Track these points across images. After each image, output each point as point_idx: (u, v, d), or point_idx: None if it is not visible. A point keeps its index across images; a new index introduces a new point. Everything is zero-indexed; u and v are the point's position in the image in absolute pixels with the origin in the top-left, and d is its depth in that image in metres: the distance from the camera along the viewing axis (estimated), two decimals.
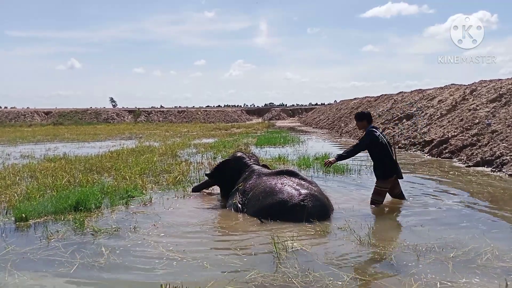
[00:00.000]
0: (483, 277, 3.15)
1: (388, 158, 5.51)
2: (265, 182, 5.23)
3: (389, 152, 5.52)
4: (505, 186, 6.78)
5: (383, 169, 5.53)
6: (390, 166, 5.52)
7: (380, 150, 5.49)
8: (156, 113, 52.97)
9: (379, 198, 5.57)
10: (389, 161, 5.51)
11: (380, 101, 25.78)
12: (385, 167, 5.52)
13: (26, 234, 4.51)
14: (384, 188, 5.57)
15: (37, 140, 19.44)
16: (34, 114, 49.08)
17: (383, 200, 5.61)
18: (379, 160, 5.55)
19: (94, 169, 8.70)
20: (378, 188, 5.59)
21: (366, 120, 5.69)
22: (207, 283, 3.09)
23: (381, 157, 5.51)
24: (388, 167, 5.52)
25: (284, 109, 77.38)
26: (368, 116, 5.75)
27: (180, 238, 4.28)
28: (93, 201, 5.52)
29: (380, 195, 5.58)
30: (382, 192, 5.58)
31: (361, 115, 5.78)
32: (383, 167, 5.53)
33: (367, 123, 5.67)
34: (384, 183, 5.55)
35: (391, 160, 5.53)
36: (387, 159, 5.50)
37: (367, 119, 5.69)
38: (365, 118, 5.70)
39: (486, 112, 11.57)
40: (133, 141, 18.18)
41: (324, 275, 3.22)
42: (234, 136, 19.99)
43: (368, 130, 5.60)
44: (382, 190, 5.58)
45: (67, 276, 3.35)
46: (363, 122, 5.70)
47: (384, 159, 5.50)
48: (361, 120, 5.72)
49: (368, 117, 5.72)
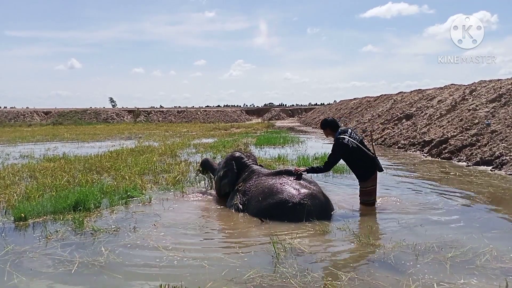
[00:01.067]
0: (482, 278, 3.15)
1: (364, 158, 5.37)
2: (264, 182, 5.23)
3: (364, 153, 5.36)
4: (505, 186, 6.78)
5: (363, 169, 5.44)
6: (369, 165, 5.40)
7: (355, 155, 5.35)
8: (155, 113, 52.93)
9: (369, 198, 5.48)
10: (367, 162, 5.39)
11: (379, 101, 25.80)
12: (363, 168, 5.42)
13: (25, 234, 4.51)
14: (370, 187, 5.46)
15: (37, 140, 19.43)
16: (33, 114, 49.03)
17: (375, 198, 5.53)
18: (356, 164, 5.46)
19: (94, 169, 8.70)
20: (364, 189, 5.49)
21: (329, 128, 5.53)
22: (206, 284, 3.09)
23: (356, 161, 5.42)
24: (367, 166, 5.41)
25: (283, 109, 77.38)
26: (331, 123, 5.55)
27: (180, 238, 4.28)
28: (93, 201, 5.52)
29: (370, 195, 5.48)
30: (370, 191, 5.48)
31: (323, 123, 5.66)
32: (362, 168, 5.44)
33: (331, 130, 5.52)
34: (368, 182, 5.44)
35: (369, 160, 5.39)
36: (363, 161, 5.38)
37: (330, 127, 5.53)
38: (328, 126, 5.55)
39: (486, 112, 11.57)
40: (133, 141, 18.18)
41: (323, 275, 3.23)
42: (234, 136, 19.98)
43: (336, 140, 5.39)
44: (369, 189, 5.47)
45: (66, 276, 3.35)
46: (327, 130, 5.59)
47: (360, 162, 5.40)
48: (324, 128, 5.62)
49: (331, 124, 5.53)
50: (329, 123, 5.57)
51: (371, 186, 5.45)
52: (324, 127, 5.62)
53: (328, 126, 5.55)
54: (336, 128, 5.50)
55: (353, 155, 5.34)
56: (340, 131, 5.43)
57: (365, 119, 22.37)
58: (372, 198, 5.49)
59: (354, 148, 5.29)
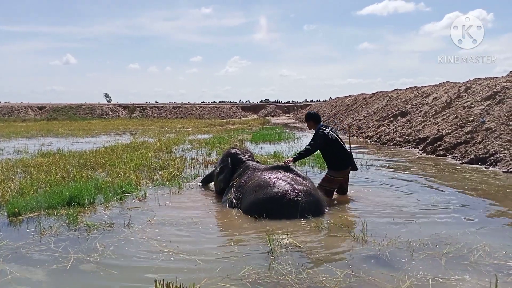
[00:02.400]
0: (475, 274, 3.17)
1: (341, 152, 5.79)
2: (259, 178, 5.21)
3: (342, 146, 5.80)
4: (499, 184, 6.81)
5: (337, 161, 5.81)
6: (344, 158, 5.81)
7: (333, 147, 5.76)
8: (151, 109, 52.75)
9: (328, 185, 5.79)
10: (343, 155, 5.80)
11: (375, 98, 25.81)
12: (339, 160, 5.81)
13: (19, 229, 4.49)
14: (336, 178, 5.81)
15: (31, 135, 19.32)
16: (28, 109, 48.74)
17: (334, 189, 5.87)
18: (333, 155, 5.83)
19: (88, 165, 8.66)
20: (330, 176, 5.84)
21: (312, 120, 5.99)
22: (201, 280, 3.09)
23: (334, 152, 5.79)
24: (342, 159, 5.80)
25: (279, 106, 77.23)
26: (313, 116, 6.05)
27: (175, 234, 4.27)
28: (87, 196, 5.49)
29: (331, 183, 5.82)
30: (334, 181, 5.82)
31: (307, 116, 6.12)
32: (337, 160, 5.81)
33: (314, 122, 5.98)
34: (337, 173, 5.80)
35: (345, 153, 5.82)
36: (340, 153, 5.79)
37: (313, 120, 5.99)
38: (311, 119, 6.01)
39: (480, 110, 11.62)
40: (128, 136, 18.12)
41: (318, 272, 3.23)
42: (229, 133, 19.96)
43: (317, 130, 5.85)
44: (334, 179, 5.81)
45: (62, 272, 3.34)
46: (310, 123, 6.02)
47: (337, 154, 5.79)
48: (308, 121, 6.06)
49: (314, 117, 6.02)
50: (313, 115, 6.08)
51: (338, 177, 5.81)
52: (308, 120, 6.07)
53: (312, 118, 6.02)
54: (319, 121, 6.02)
55: (331, 146, 5.76)
56: (321, 124, 5.94)
57: (361, 116, 22.40)
58: (332, 188, 5.85)
59: (333, 139, 5.75)
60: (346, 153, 5.84)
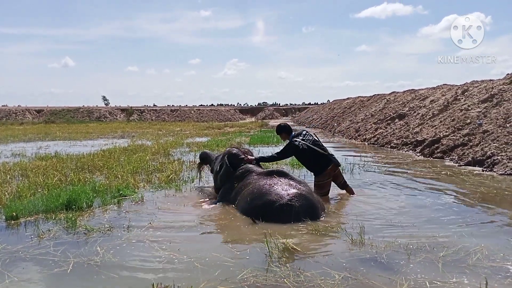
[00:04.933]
0: (472, 277, 3.17)
1: (316, 157, 5.96)
2: (255, 183, 5.23)
3: (316, 152, 5.94)
4: (497, 186, 6.83)
5: (315, 166, 6.01)
6: (320, 161, 5.97)
7: (306, 155, 5.96)
8: (149, 111, 52.73)
9: (321, 190, 5.87)
10: (318, 158, 5.97)
11: (372, 100, 25.88)
12: (317, 164, 5.99)
13: (17, 233, 4.48)
14: (323, 181, 5.96)
15: (29, 139, 19.27)
16: (25, 112, 48.68)
17: (328, 191, 6.01)
18: (308, 162, 6.08)
19: (86, 168, 8.66)
20: (317, 182, 6.00)
21: (284, 132, 6.21)
22: (199, 283, 3.09)
23: (309, 159, 6.02)
24: (318, 163, 5.98)
25: (277, 109, 77.43)
26: (284, 128, 6.25)
27: (173, 237, 4.26)
28: (85, 200, 5.48)
29: (322, 188, 5.92)
30: (323, 185, 5.95)
31: (277, 129, 6.31)
32: (314, 165, 6.02)
33: (286, 134, 6.19)
34: (321, 176, 5.97)
35: (321, 157, 5.97)
36: (315, 158, 5.97)
37: (285, 132, 6.21)
38: (283, 131, 6.23)
39: (478, 112, 11.65)
40: (126, 139, 18.10)
41: (316, 275, 3.23)
42: (227, 135, 19.96)
43: (288, 142, 6.09)
44: (322, 183, 5.95)
45: (62, 276, 3.33)
46: (282, 135, 6.25)
47: (312, 160, 5.99)
48: (280, 133, 6.28)
49: (285, 129, 6.23)
50: (283, 128, 6.27)
51: (324, 180, 5.96)
52: (279, 132, 6.29)
53: (283, 131, 6.24)
54: (290, 132, 6.22)
55: (304, 154, 5.97)
56: (293, 135, 6.14)
57: (358, 119, 22.44)
58: (325, 190, 5.97)
59: (305, 149, 5.92)
60: (321, 156, 5.98)
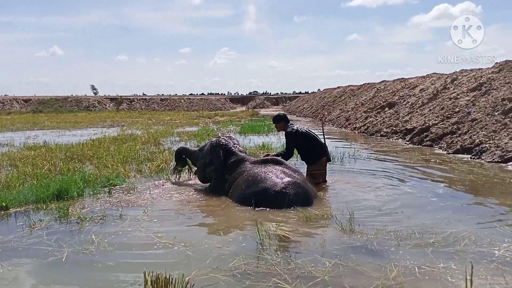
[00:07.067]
0: (460, 262, 3.22)
1: (313, 143, 6.06)
2: (249, 171, 5.24)
3: (313, 138, 6.08)
4: (485, 174, 6.92)
5: (312, 153, 6.07)
6: (317, 149, 6.08)
7: (305, 140, 6.02)
8: (138, 101, 52.26)
9: (314, 180, 5.87)
10: (316, 145, 6.07)
11: (363, 89, 25.92)
12: (313, 152, 6.06)
13: (7, 223, 4.45)
14: (317, 171, 6.05)
15: (16, 128, 19.04)
16: (13, 102, 47.93)
17: (319, 182, 6.01)
18: (306, 147, 6.09)
19: (75, 158, 8.58)
20: (310, 172, 6.04)
21: (283, 121, 6.26)
22: (191, 271, 3.09)
23: (308, 146, 6.02)
24: (316, 150, 6.06)
25: (268, 98, 77.22)
26: (284, 117, 6.36)
27: (164, 226, 4.26)
28: (75, 189, 5.45)
29: (315, 178, 5.96)
30: (315, 175, 6.00)
31: (277, 118, 6.33)
32: (310, 152, 6.07)
33: (284, 123, 6.23)
34: (316, 165, 6.04)
35: (317, 144, 6.09)
36: (312, 145, 6.05)
37: (284, 120, 6.26)
38: (282, 120, 6.27)
39: (466, 101, 11.75)
40: (115, 129, 17.96)
41: (307, 262, 3.26)
42: (218, 124, 19.90)
43: (288, 131, 6.07)
44: (315, 173, 6.02)
45: (55, 264, 3.33)
46: (281, 123, 6.26)
47: (309, 146, 6.05)
48: (279, 122, 6.27)
49: (284, 118, 6.31)
50: (282, 117, 6.33)
51: (319, 169, 6.05)
52: (278, 121, 6.28)
53: (282, 119, 6.26)
54: (288, 121, 6.27)
55: (304, 139, 6.02)
56: (290, 124, 6.22)
57: (349, 108, 22.50)
58: (317, 180, 5.95)
59: (303, 133, 6.04)
60: (319, 143, 6.11)
